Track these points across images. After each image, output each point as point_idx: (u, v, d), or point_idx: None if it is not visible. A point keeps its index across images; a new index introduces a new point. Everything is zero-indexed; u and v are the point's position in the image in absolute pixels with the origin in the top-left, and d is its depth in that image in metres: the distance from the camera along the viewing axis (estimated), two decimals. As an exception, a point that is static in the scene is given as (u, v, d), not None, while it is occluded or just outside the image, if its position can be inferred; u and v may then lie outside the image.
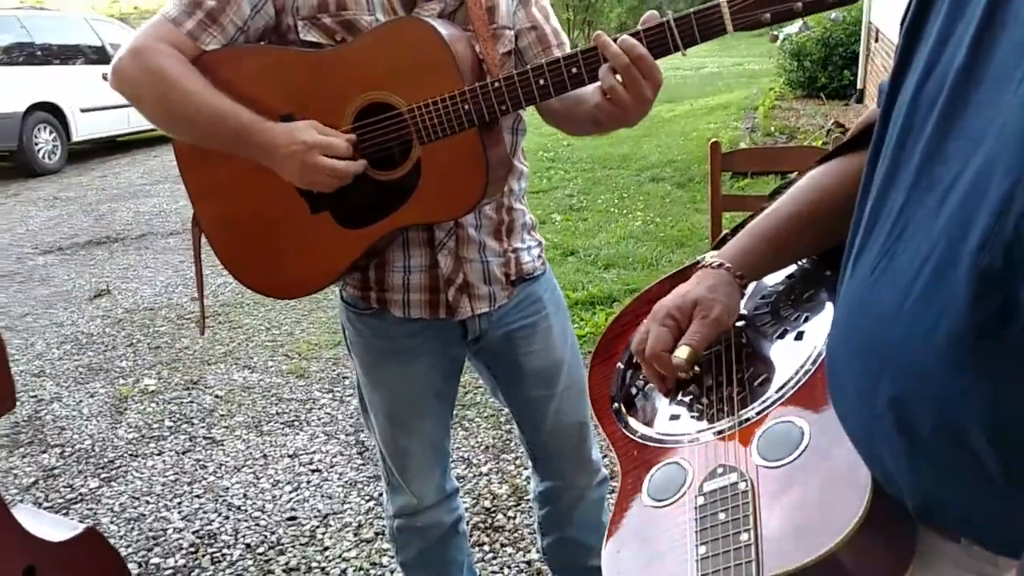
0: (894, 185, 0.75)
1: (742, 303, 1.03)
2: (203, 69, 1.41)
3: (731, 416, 0.92)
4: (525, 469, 2.85)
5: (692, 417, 0.96)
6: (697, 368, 1.00)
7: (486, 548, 2.47)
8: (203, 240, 1.55)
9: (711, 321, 0.97)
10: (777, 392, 0.90)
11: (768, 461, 0.83)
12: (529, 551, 2.44)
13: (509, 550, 2.46)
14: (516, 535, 2.52)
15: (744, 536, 0.76)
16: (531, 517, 2.56)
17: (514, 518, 2.61)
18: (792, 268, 1.07)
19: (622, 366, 1.12)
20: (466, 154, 1.35)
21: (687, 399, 0.99)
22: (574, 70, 1.27)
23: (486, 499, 2.71)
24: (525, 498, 2.69)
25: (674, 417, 0.98)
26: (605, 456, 1.90)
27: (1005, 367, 0.62)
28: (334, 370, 3.82)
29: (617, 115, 1.27)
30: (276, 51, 1.44)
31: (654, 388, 1.03)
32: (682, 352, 0.96)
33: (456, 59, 1.33)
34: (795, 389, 0.89)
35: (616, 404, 1.06)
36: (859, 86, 9.21)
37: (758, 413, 0.89)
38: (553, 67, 1.28)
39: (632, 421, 1.02)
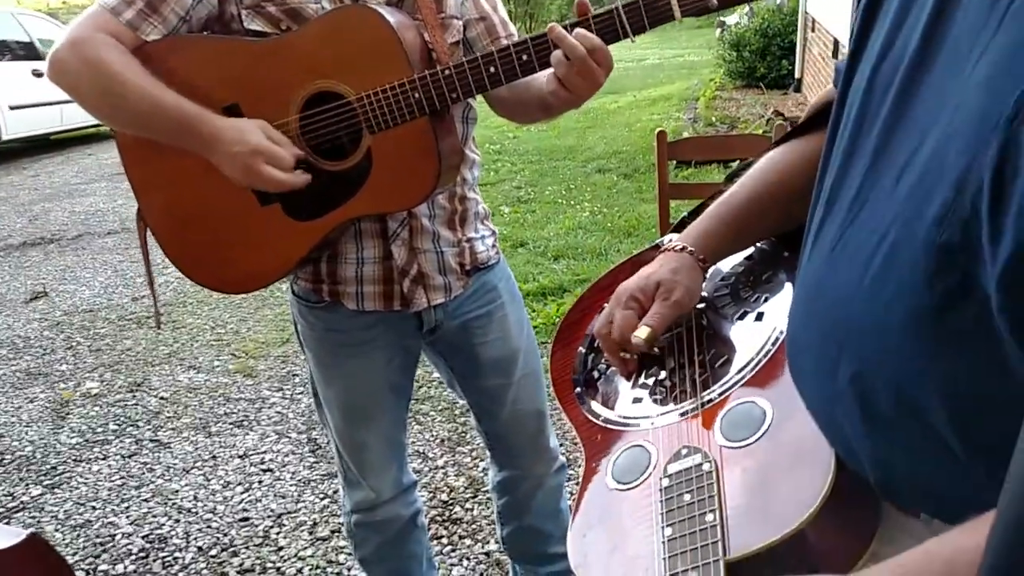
0: (852, 164, 0.75)
1: (703, 284, 1.03)
2: (144, 60, 1.37)
3: (694, 398, 0.92)
4: (481, 461, 2.85)
5: (655, 400, 0.96)
6: (657, 349, 1.00)
7: (444, 541, 2.46)
8: (150, 235, 1.51)
9: (672, 303, 0.98)
10: (738, 373, 0.91)
11: (731, 441, 0.84)
12: (488, 542, 2.44)
13: (468, 542, 2.46)
14: (474, 527, 2.52)
15: (709, 516, 0.76)
16: (489, 508, 2.56)
17: (472, 510, 2.60)
18: (750, 250, 1.08)
19: (583, 350, 1.12)
20: (418, 143, 1.34)
21: (649, 382, 0.99)
22: (524, 57, 1.27)
23: (443, 492, 2.70)
24: (482, 490, 2.69)
25: (637, 400, 0.98)
26: (562, 444, 1.91)
27: (963, 343, 0.62)
28: (283, 368, 3.76)
29: (570, 100, 1.28)
30: (220, 41, 1.41)
31: (616, 372, 1.04)
32: (642, 332, 0.96)
33: (405, 47, 1.31)
34: (756, 369, 0.90)
35: (578, 388, 1.06)
36: (797, 75, 9.39)
37: (720, 394, 0.90)
38: (503, 55, 1.27)
39: (595, 405, 1.02)
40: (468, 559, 2.39)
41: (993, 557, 0.46)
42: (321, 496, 2.76)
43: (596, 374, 1.06)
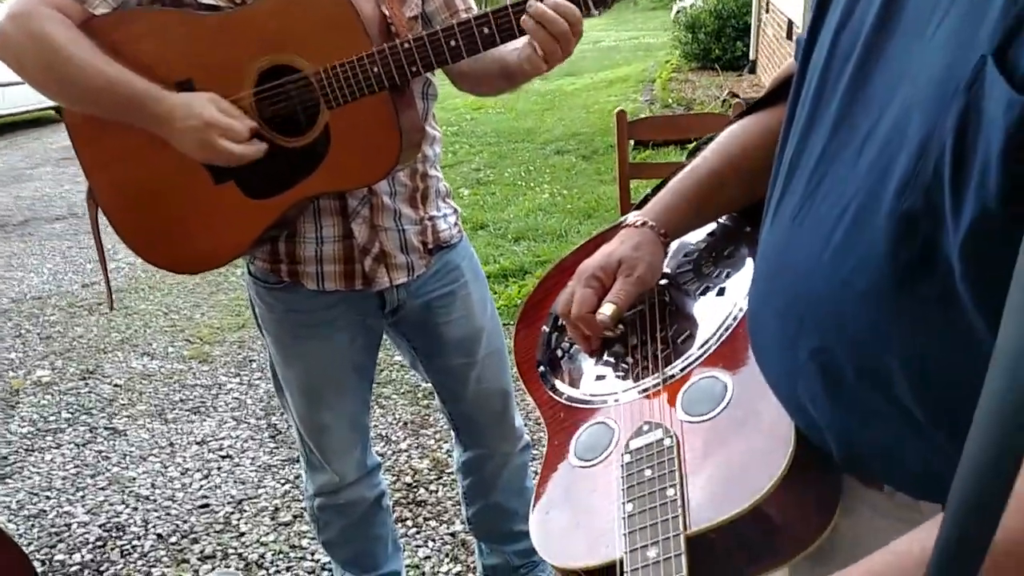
0: (812, 136, 0.74)
1: (665, 262, 1.03)
2: (92, 34, 1.33)
3: (656, 374, 0.92)
4: (445, 443, 2.84)
5: (617, 376, 0.96)
6: (621, 327, 1.00)
7: (409, 523, 2.45)
8: (101, 215, 1.47)
9: (635, 279, 0.97)
10: (700, 348, 0.91)
11: (692, 416, 0.83)
12: (453, 523, 2.43)
13: (433, 523, 2.45)
14: (439, 508, 2.51)
15: (670, 492, 0.76)
16: (453, 490, 2.56)
17: (436, 492, 2.59)
18: (713, 226, 1.08)
19: (547, 329, 1.11)
20: (378, 118, 1.31)
21: (612, 359, 0.99)
22: (486, 31, 1.24)
23: (407, 475, 2.68)
24: (447, 471, 2.68)
25: (600, 377, 0.98)
26: (527, 423, 1.91)
27: (926, 313, 0.62)
28: (239, 353, 3.71)
29: (542, 68, 1.27)
30: (171, 14, 1.37)
31: (579, 350, 1.03)
32: (606, 309, 0.95)
33: (362, 19, 1.29)
34: (718, 344, 0.90)
35: (541, 368, 1.05)
36: (752, 57, 9.46)
37: (682, 370, 0.90)
38: (464, 28, 1.25)
39: (558, 383, 1.01)
40: (434, 540, 2.38)
41: (943, 530, 0.44)
42: (282, 481, 2.73)
43: (559, 353, 1.06)
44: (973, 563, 0.43)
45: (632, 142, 4.75)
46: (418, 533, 2.42)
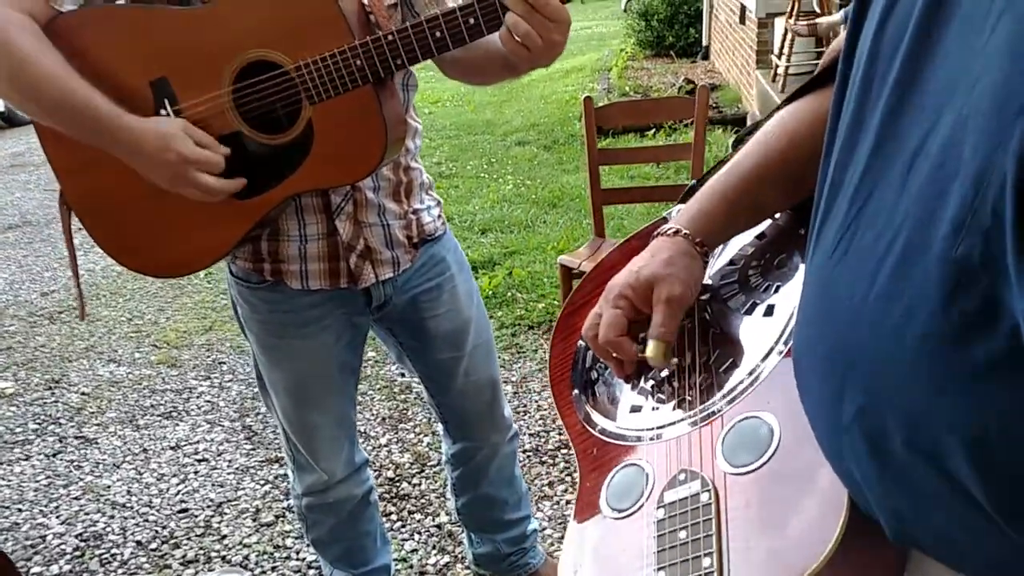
0: (857, 142, 0.64)
1: (708, 271, 0.93)
2: (60, 34, 1.28)
3: (695, 408, 0.83)
4: (425, 436, 2.84)
5: (654, 409, 0.88)
6: (675, 360, 0.89)
7: (394, 517, 2.44)
8: (74, 221, 1.44)
9: (674, 302, 0.85)
10: (745, 381, 0.81)
11: (734, 466, 0.75)
12: (438, 515, 2.43)
13: (417, 516, 2.45)
14: (423, 501, 2.51)
15: (706, 562, 0.68)
16: (436, 483, 2.56)
17: (419, 485, 2.59)
18: (762, 227, 0.96)
19: (583, 344, 1.01)
20: (362, 113, 1.30)
21: (648, 387, 0.91)
22: (472, 21, 1.23)
23: (388, 469, 2.67)
24: (429, 464, 2.68)
25: (635, 409, 0.90)
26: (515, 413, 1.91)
27: (988, 378, 0.52)
28: (208, 356, 3.66)
29: (530, 59, 1.25)
30: (142, 10, 1.33)
31: (613, 374, 0.94)
32: (653, 350, 0.85)
33: (343, 11, 1.27)
34: (764, 377, 0.80)
35: (576, 390, 0.97)
36: (704, 43, 9.54)
37: (724, 404, 0.81)
38: (449, 18, 1.23)
39: (592, 413, 0.93)
40: (419, 533, 2.38)
41: None
42: (262, 482, 2.70)
43: (595, 375, 0.97)
44: None
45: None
46: (403, 527, 2.41)
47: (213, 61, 1.30)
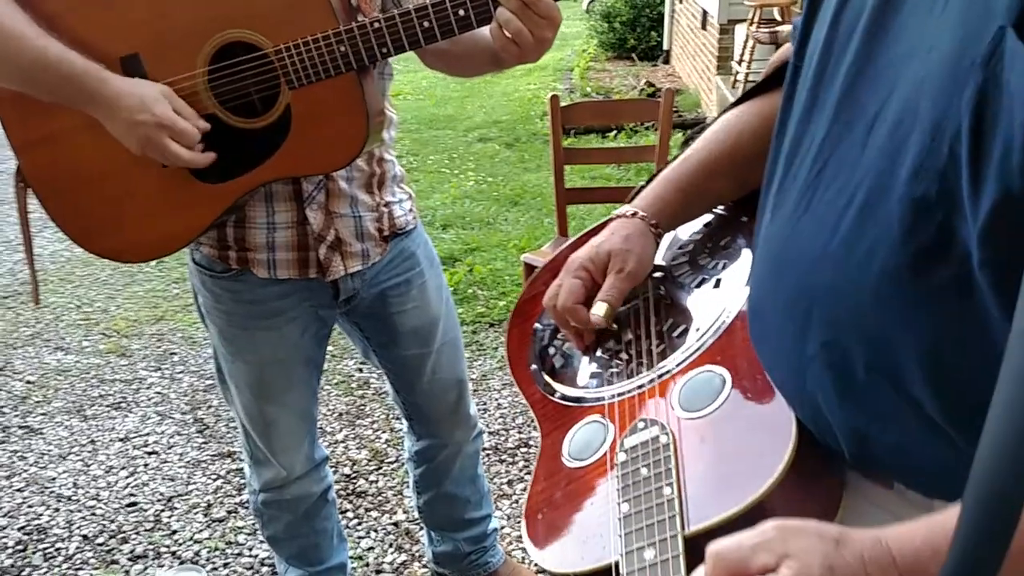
0: (813, 120, 0.72)
1: (660, 254, 1.01)
2: (25, 3, 1.23)
3: (651, 370, 0.89)
4: (383, 433, 2.80)
5: (611, 373, 0.93)
6: (615, 325, 0.97)
7: (350, 515, 2.41)
8: (30, 201, 1.38)
9: (626, 275, 0.94)
10: (696, 342, 0.88)
11: (689, 412, 0.81)
12: (395, 513, 2.40)
13: (374, 514, 2.41)
14: (380, 499, 2.48)
15: (667, 491, 0.73)
16: (394, 480, 2.53)
17: (376, 482, 2.55)
18: (708, 217, 1.06)
19: (539, 327, 1.07)
20: (343, 101, 1.27)
21: (606, 355, 0.96)
22: (461, 12, 1.21)
23: (345, 466, 2.63)
24: (386, 461, 2.64)
25: (593, 375, 0.95)
26: (481, 414, 1.89)
27: (941, 302, 0.60)
28: (159, 347, 3.56)
29: (519, 55, 1.24)
30: None
31: (572, 347, 1.00)
32: (599, 309, 0.93)
33: None
34: (715, 338, 0.87)
35: (533, 365, 1.02)
36: (666, 47, 9.61)
37: (678, 364, 0.87)
38: (439, 9, 1.21)
39: (551, 381, 0.98)
40: (376, 531, 2.34)
41: (962, 525, 0.42)
42: (213, 477, 2.64)
43: (552, 351, 1.03)
44: (996, 556, 0.41)
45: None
46: (359, 524, 2.38)
47: (189, 40, 1.26)
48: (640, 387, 0.88)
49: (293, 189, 1.41)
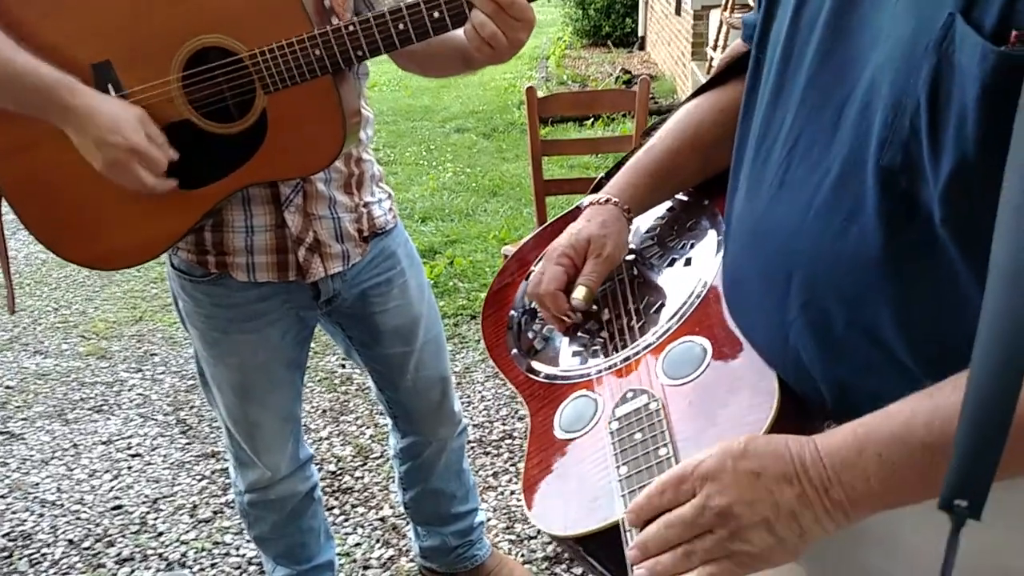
0: (780, 105, 0.79)
1: (630, 239, 1.06)
2: None
3: (632, 344, 0.94)
4: (367, 429, 2.81)
5: (594, 351, 0.98)
6: (595, 306, 1.02)
7: (336, 511, 2.41)
8: (3, 206, 1.37)
9: (604, 259, 1.00)
10: (674, 316, 0.94)
11: (674, 379, 0.86)
12: (381, 508, 2.41)
13: (361, 510, 2.42)
14: (366, 494, 2.48)
15: (663, 451, 0.78)
16: (379, 475, 2.54)
17: (362, 478, 2.56)
18: (669, 203, 1.12)
19: (515, 314, 1.11)
20: (319, 104, 1.27)
21: (586, 335, 1.01)
22: (436, 15, 1.21)
23: (330, 463, 2.64)
24: (371, 457, 2.65)
25: (576, 354, 1.00)
26: (466, 409, 1.90)
27: (911, 260, 0.67)
28: (139, 348, 3.54)
29: (492, 56, 1.24)
30: None
31: (552, 330, 1.04)
32: (579, 292, 0.98)
33: None
34: (692, 310, 0.93)
35: (514, 350, 1.06)
36: (640, 33, 9.62)
37: (658, 337, 0.92)
38: (413, 11, 1.21)
39: (534, 363, 1.02)
40: (363, 527, 2.35)
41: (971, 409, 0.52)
42: (198, 478, 2.64)
43: (531, 335, 1.07)
44: (1004, 421, 0.51)
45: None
46: (346, 521, 2.39)
47: (162, 45, 1.26)
48: (624, 360, 0.93)
49: (271, 192, 1.41)
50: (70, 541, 2.37)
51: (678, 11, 7.20)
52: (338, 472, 2.60)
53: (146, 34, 1.25)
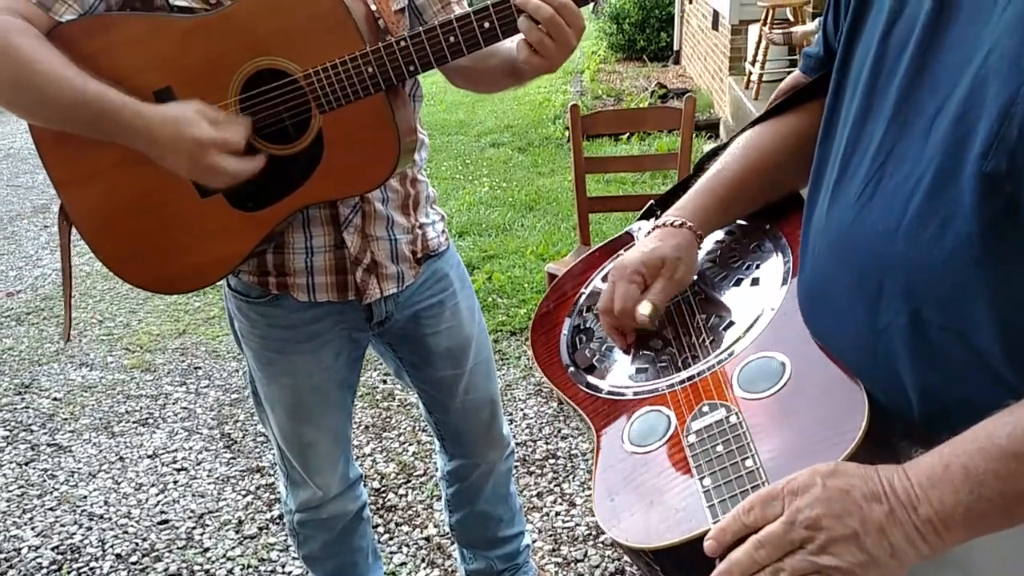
0: (869, 123, 0.81)
1: None
2: (60, 44, 1.25)
3: (703, 360, 0.94)
4: (410, 446, 2.81)
5: (661, 368, 0.98)
6: (658, 323, 1.02)
7: (380, 529, 2.41)
8: (73, 233, 1.39)
9: (675, 280, 1.01)
10: (745, 332, 0.94)
11: (752, 394, 0.85)
12: (426, 527, 2.41)
13: (405, 528, 2.42)
14: (410, 512, 2.48)
15: (748, 463, 0.78)
16: (423, 493, 2.54)
17: (405, 496, 2.56)
18: (730, 226, 1.12)
19: (567, 334, 1.11)
20: (374, 121, 1.27)
21: (651, 352, 1.01)
22: (487, 25, 1.20)
23: (374, 480, 2.64)
24: (415, 475, 2.65)
25: (641, 371, 1.00)
26: (514, 431, 1.89)
27: (1010, 265, 0.68)
28: (183, 361, 3.58)
29: (543, 66, 1.24)
30: (144, 18, 1.30)
31: (611, 349, 1.04)
32: (644, 308, 0.99)
33: (353, 17, 1.24)
34: (765, 327, 0.93)
35: (571, 369, 1.06)
36: (676, 47, 9.59)
37: (730, 354, 0.92)
38: (464, 23, 1.21)
39: (593, 380, 1.02)
40: (407, 546, 2.35)
41: None
42: (243, 493, 2.65)
43: (588, 353, 1.07)
44: None
45: (568, 134, 4.74)
46: (391, 539, 2.38)
47: (219, 70, 1.27)
48: (696, 376, 0.92)
49: (330, 213, 1.41)
50: (118, 555, 2.39)
51: (715, 26, 7.17)
52: (382, 490, 2.60)
53: (204, 60, 1.26)
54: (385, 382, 3.18)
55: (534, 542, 2.29)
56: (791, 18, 5.71)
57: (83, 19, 1.27)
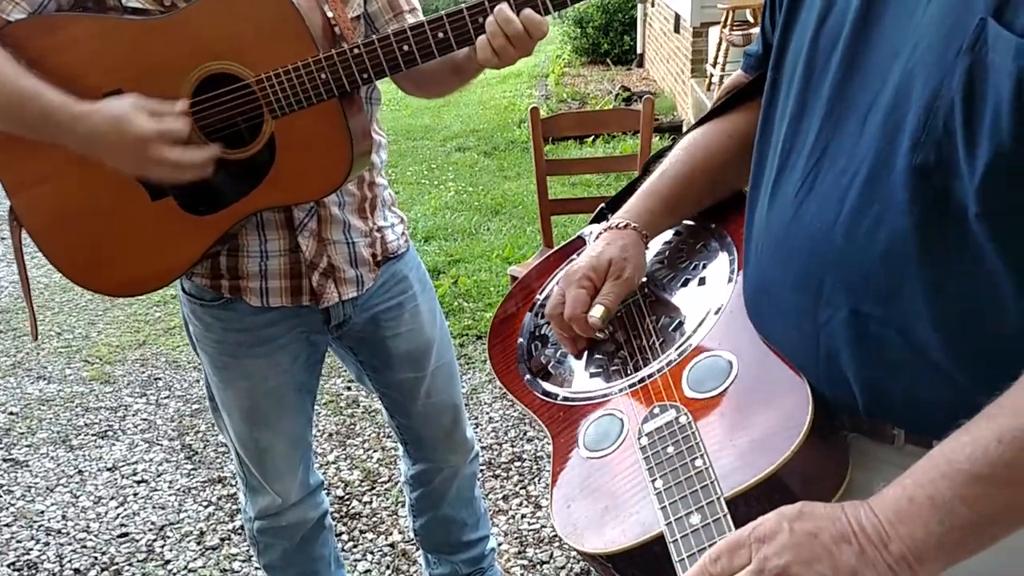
0: (805, 119, 0.81)
1: None
2: (7, 43, 1.22)
3: (653, 362, 0.94)
4: (374, 452, 2.78)
5: (613, 371, 0.98)
6: (610, 327, 1.02)
7: (344, 537, 2.39)
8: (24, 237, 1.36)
9: (623, 281, 1.00)
10: (694, 333, 0.94)
11: (701, 393, 0.86)
12: (390, 534, 2.39)
13: (369, 535, 2.39)
14: (375, 519, 2.46)
15: (698, 462, 0.78)
16: (387, 500, 2.52)
17: (370, 503, 2.53)
18: (676, 227, 1.13)
19: (524, 341, 1.11)
20: (327, 127, 1.26)
21: (604, 357, 1.00)
22: (440, 35, 1.21)
23: (337, 487, 2.61)
24: (379, 482, 2.62)
25: (595, 375, 0.99)
26: (479, 434, 1.88)
27: (945, 256, 0.69)
28: (143, 372, 3.52)
29: (499, 66, 1.24)
30: (96, 19, 1.27)
31: (566, 355, 1.04)
32: (596, 312, 0.98)
33: (307, 24, 1.23)
34: (712, 326, 0.93)
35: (527, 376, 1.05)
36: (639, 51, 9.65)
37: (680, 354, 0.92)
38: (418, 32, 1.21)
39: (549, 387, 1.02)
40: (372, 553, 2.33)
41: None
42: (205, 504, 2.61)
43: (544, 360, 1.06)
44: None
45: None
46: (355, 547, 2.36)
47: (171, 73, 1.25)
48: (648, 378, 0.92)
49: (285, 217, 1.40)
50: (76, 570, 2.34)
51: (677, 29, 7.23)
52: (346, 497, 2.57)
53: (155, 63, 1.24)
54: (349, 389, 3.15)
55: (500, 545, 2.28)
56: (751, 19, 5.77)
57: (32, 18, 1.25)
